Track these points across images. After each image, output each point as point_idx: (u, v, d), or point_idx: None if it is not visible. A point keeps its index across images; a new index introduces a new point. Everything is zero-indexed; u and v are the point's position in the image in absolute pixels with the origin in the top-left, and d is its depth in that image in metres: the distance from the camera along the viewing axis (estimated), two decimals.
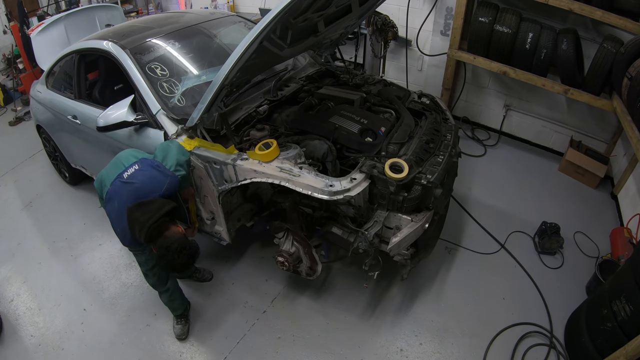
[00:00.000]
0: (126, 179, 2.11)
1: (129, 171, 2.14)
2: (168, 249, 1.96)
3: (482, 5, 3.81)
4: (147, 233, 1.96)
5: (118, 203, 2.09)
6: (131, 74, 2.75)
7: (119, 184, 2.11)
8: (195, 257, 2.11)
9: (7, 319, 2.89)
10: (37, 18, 5.48)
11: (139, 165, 2.16)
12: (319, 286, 3.00)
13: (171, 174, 2.17)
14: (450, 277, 3.06)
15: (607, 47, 3.32)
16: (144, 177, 2.12)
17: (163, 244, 1.97)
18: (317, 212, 2.64)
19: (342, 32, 3.31)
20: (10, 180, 4.39)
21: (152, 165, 2.18)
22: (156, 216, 1.96)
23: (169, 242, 1.98)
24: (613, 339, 2.14)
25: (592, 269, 2.96)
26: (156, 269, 2.53)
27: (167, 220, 2.02)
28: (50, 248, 3.49)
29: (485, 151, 4.47)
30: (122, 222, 2.06)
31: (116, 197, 2.10)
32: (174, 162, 2.22)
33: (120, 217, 2.05)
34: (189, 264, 2.07)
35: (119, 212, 2.06)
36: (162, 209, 1.99)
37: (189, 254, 2.02)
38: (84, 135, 3.25)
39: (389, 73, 5.08)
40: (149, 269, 2.46)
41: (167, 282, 2.57)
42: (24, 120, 5.58)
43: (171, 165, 2.21)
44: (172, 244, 1.97)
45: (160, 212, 1.98)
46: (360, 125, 2.56)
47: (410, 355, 2.58)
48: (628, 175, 3.56)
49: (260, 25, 1.91)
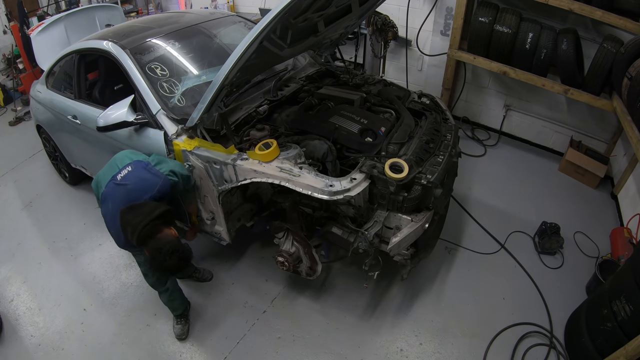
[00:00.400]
0: (119, 181, 2.12)
1: (122, 173, 2.14)
2: (160, 251, 1.96)
3: (482, 5, 3.81)
4: (139, 236, 1.96)
5: (112, 205, 2.09)
6: (131, 74, 2.75)
7: (113, 185, 2.13)
8: (188, 259, 2.11)
9: (7, 319, 2.89)
10: (37, 18, 5.48)
11: (132, 167, 2.17)
12: (319, 286, 3.00)
13: (163, 176, 2.17)
14: (450, 277, 3.06)
15: (607, 47, 3.32)
16: (135, 178, 2.13)
17: (154, 246, 1.97)
18: (317, 212, 2.64)
19: (342, 32, 3.31)
20: (10, 180, 4.39)
21: (144, 167, 2.18)
22: (147, 219, 1.96)
23: (161, 244, 1.97)
24: (613, 339, 2.14)
25: (592, 269, 2.96)
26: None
27: (159, 224, 2.02)
28: (50, 248, 3.49)
29: (485, 151, 4.48)
30: (116, 224, 2.06)
31: (110, 198, 2.12)
32: (168, 169, 2.23)
33: (114, 219, 2.06)
34: (181, 265, 2.06)
35: (113, 214, 2.07)
36: (153, 212, 2.00)
37: (181, 257, 2.02)
38: (84, 135, 3.25)
39: (389, 73, 5.08)
40: (148, 268, 2.46)
41: (167, 282, 2.57)
42: (24, 120, 5.58)
43: (165, 170, 2.21)
44: (163, 246, 1.97)
45: (152, 215, 1.98)
46: (360, 125, 2.56)
47: (410, 355, 2.58)
48: (628, 175, 3.56)
49: (260, 25, 1.91)
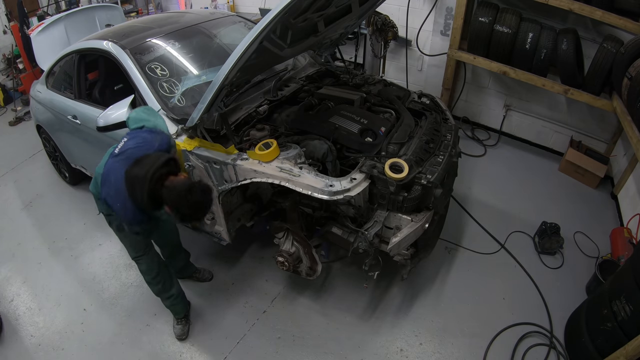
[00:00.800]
0: (118, 152, 2.04)
1: (119, 146, 2.08)
2: (178, 194, 1.85)
3: (482, 5, 3.81)
4: (149, 188, 1.84)
5: (115, 178, 1.97)
6: (131, 74, 2.75)
7: (112, 161, 2.03)
8: (209, 191, 1.99)
9: (7, 319, 2.89)
10: (37, 18, 5.48)
11: (127, 137, 2.11)
12: (319, 286, 3.00)
13: (161, 132, 2.13)
14: (450, 277, 3.06)
15: (607, 47, 3.32)
16: (134, 142, 2.06)
17: (170, 193, 1.86)
18: (317, 212, 2.63)
19: (342, 32, 3.31)
20: (10, 180, 4.39)
21: (140, 131, 2.13)
22: (155, 167, 1.87)
23: (175, 188, 1.87)
24: (613, 339, 2.14)
25: (592, 269, 2.96)
26: (160, 276, 2.53)
27: (165, 172, 1.92)
28: (50, 248, 3.49)
29: (485, 151, 4.48)
30: (121, 196, 1.94)
31: (112, 173, 2.00)
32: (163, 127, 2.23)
33: (119, 191, 1.94)
34: (206, 200, 1.94)
35: (117, 187, 1.95)
36: (159, 159, 1.91)
37: (202, 189, 1.92)
38: (84, 135, 3.25)
39: (389, 73, 5.08)
40: (152, 277, 2.47)
41: (172, 287, 2.59)
42: (24, 120, 5.58)
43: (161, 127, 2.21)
44: (179, 188, 1.86)
45: (158, 162, 1.89)
46: (360, 125, 2.56)
47: (410, 355, 2.58)
48: (628, 175, 3.56)
49: (260, 25, 1.91)
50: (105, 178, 2.04)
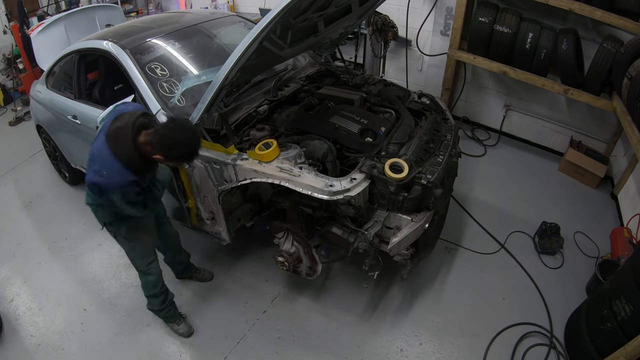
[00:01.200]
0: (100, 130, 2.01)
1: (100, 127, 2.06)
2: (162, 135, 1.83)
3: (482, 5, 3.81)
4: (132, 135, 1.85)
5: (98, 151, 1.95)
6: (131, 74, 2.75)
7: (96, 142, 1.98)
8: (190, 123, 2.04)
9: (7, 319, 2.89)
10: (37, 18, 5.47)
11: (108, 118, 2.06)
12: (319, 286, 3.00)
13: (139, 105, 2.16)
14: (450, 277, 3.06)
15: (607, 47, 3.33)
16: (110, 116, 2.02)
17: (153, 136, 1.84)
18: (317, 212, 2.64)
19: (342, 32, 3.31)
20: (10, 180, 4.38)
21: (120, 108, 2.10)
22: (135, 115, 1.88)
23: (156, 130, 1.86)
24: (613, 339, 2.14)
25: (592, 269, 2.96)
26: (163, 287, 2.55)
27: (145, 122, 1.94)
28: (50, 248, 3.48)
29: (485, 151, 4.48)
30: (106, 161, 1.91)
31: (94, 148, 1.97)
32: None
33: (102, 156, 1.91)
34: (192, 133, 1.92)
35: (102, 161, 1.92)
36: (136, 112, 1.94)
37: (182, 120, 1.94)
38: (84, 135, 3.25)
39: (389, 73, 5.08)
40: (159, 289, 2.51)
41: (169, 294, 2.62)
42: (24, 120, 5.57)
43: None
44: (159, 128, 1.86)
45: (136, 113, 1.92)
46: (360, 125, 2.56)
47: (410, 355, 2.58)
48: (628, 175, 3.56)
49: (260, 25, 1.91)
50: (90, 158, 2.00)
